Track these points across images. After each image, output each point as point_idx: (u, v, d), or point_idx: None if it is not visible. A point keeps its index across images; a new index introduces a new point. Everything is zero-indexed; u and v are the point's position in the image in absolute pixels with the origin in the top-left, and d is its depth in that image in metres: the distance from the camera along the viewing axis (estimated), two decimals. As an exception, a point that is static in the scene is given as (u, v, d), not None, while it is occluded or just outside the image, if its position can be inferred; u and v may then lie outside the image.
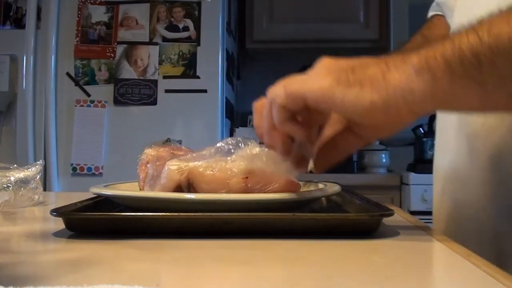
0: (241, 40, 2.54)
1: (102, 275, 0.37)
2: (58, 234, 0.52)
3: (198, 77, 1.99)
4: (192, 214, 0.50)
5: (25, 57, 1.97)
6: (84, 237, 0.50)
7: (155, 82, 1.99)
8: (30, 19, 1.97)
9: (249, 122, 2.40)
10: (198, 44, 2.00)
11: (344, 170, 2.19)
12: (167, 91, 1.99)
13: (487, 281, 0.36)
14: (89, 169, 1.97)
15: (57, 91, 1.99)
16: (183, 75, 1.99)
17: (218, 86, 2.00)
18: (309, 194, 0.57)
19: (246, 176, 0.54)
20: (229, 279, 0.37)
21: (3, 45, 1.98)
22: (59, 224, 0.53)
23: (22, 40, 1.97)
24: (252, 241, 0.48)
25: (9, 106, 2.00)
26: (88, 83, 2.00)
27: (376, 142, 2.37)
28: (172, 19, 2.00)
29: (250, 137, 0.57)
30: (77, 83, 2.00)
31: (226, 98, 2.11)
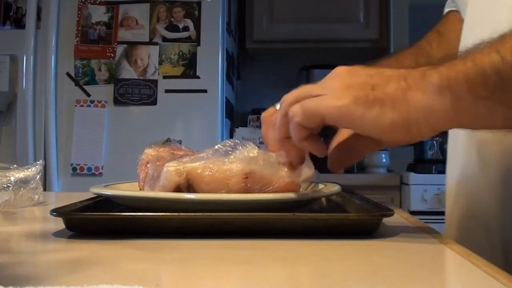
0: (241, 40, 2.54)
1: (102, 275, 0.37)
2: (58, 234, 0.52)
3: (198, 77, 1.99)
4: (192, 214, 0.50)
5: (25, 57, 1.97)
6: (84, 237, 0.50)
7: (155, 82, 1.99)
8: (30, 19, 1.97)
9: (249, 122, 2.40)
10: (198, 44, 2.00)
11: (344, 170, 2.19)
12: (167, 91, 1.99)
13: (487, 281, 0.36)
14: (89, 169, 1.97)
15: (57, 91, 1.99)
16: (183, 75, 1.99)
17: (218, 86, 2.00)
18: (309, 194, 0.57)
19: (246, 176, 0.54)
20: (229, 279, 0.37)
21: (3, 45, 1.98)
22: (59, 224, 0.53)
23: (22, 40, 1.97)
24: (252, 241, 0.48)
25: (9, 106, 2.00)
26: (88, 83, 2.00)
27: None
28: (172, 19, 2.00)
29: (250, 137, 0.57)
30: (77, 83, 2.00)
31: (226, 98, 2.11)
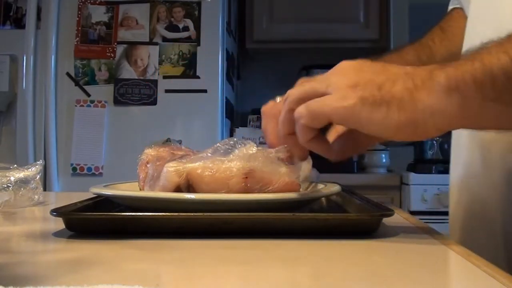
0: (241, 40, 2.54)
1: (102, 275, 0.37)
2: (58, 234, 0.52)
3: (198, 77, 1.99)
4: (192, 214, 0.50)
5: (25, 57, 1.97)
6: (84, 237, 0.50)
7: (155, 82, 1.99)
8: (30, 19, 1.97)
9: (249, 122, 2.40)
10: (198, 44, 2.00)
11: (344, 170, 2.19)
12: (167, 91, 1.99)
13: (487, 281, 0.36)
14: (89, 169, 1.97)
15: (57, 91, 1.99)
16: (183, 75, 1.99)
17: (218, 86, 2.00)
18: (309, 194, 0.57)
19: (246, 176, 0.54)
20: (229, 279, 0.37)
21: (3, 45, 1.98)
22: (59, 224, 0.53)
23: (22, 40, 1.97)
24: (252, 241, 0.48)
25: (9, 106, 2.00)
26: (88, 83, 2.00)
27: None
28: (172, 19, 2.00)
29: (250, 137, 0.57)
30: (77, 83, 2.00)
31: (226, 98, 2.11)
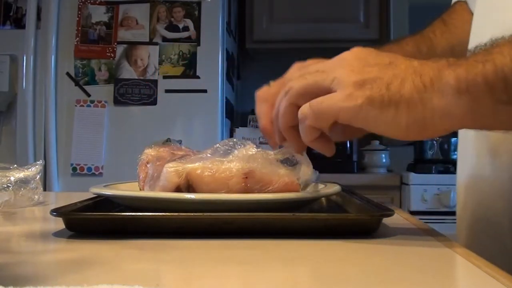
0: (241, 40, 2.54)
1: (102, 275, 0.37)
2: (58, 234, 0.52)
3: (198, 77, 1.99)
4: (192, 214, 0.50)
5: (25, 57, 1.97)
6: (84, 237, 0.50)
7: (155, 82, 1.99)
8: (30, 19, 1.97)
9: (249, 122, 2.40)
10: (198, 44, 2.00)
11: (344, 170, 2.19)
12: (167, 91, 1.99)
13: (488, 281, 0.36)
14: (89, 169, 1.97)
15: (57, 91, 1.99)
16: (183, 75, 1.99)
17: (218, 86, 2.00)
18: (309, 194, 0.57)
19: (246, 176, 0.54)
20: (229, 279, 0.37)
21: (3, 45, 1.99)
22: (59, 224, 0.53)
23: (22, 40, 1.97)
24: (252, 241, 0.48)
25: (9, 106, 2.00)
26: (88, 83, 2.00)
27: (376, 142, 2.37)
28: (172, 19, 2.00)
29: (250, 137, 0.57)
30: (77, 83, 2.00)
31: (226, 98, 2.11)
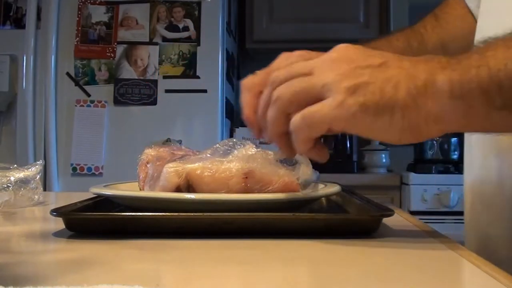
0: (241, 40, 2.54)
1: (102, 275, 0.37)
2: (58, 234, 0.52)
3: (198, 77, 1.99)
4: (192, 214, 0.50)
5: (25, 57, 1.97)
6: (84, 237, 0.50)
7: (155, 82, 1.99)
8: (30, 19, 1.97)
9: (249, 122, 2.39)
10: (198, 44, 2.00)
11: (344, 170, 2.19)
12: (167, 91, 1.99)
13: (487, 281, 0.36)
14: (89, 169, 1.97)
15: (57, 91, 1.99)
16: (183, 75, 1.99)
17: (218, 86, 2.00)
18: (309, 194, 0.57)
19: (246, 176, 0.54)
20: (229, 279, 0.37)
21: (3, 45, 1.98)
22: (59, 224, 0.53)
23: (22, 40, 1.97)
24: (252, 241, 0.48)
25: (9, 106, 2.00)
26: (88, 83, 2.00)
27: (376, 142, 2.37)
28: (172, 19, 2.00)
29: (250, 137, 0.57)
30: (77, 83, 2.00)
31: (226, 98, 2.11)
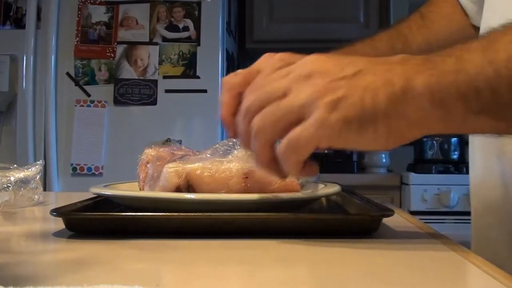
0: (241, 40, 2.54)
1: (102, 275, 0.37)
2: (58, 234, 0.52)
3: (198, 77, 1.99)
4: (192, 214, 0.50)
5: (25, 57, 1.97)
6: (84, 237, 0.50)
7: (155, 82, 1.99)
8: (30, 19, 1.97)
9: (249, 122, 2.39)
10: (198, 44, 2.00)
11: (344, 170, 2.19)
12: (167, 91, 1.99)
13: (487, 281, 0.36)
14: (89, 169, 1.97)
15: (57, 91, 1.99)
16: (183, 75, 1.99)
17: (218, 86, 2.00)
18: (309, 194, 0.57)
19: (246, 176, 0.54)
20: (229, 279, 0.37)
21: (3, 45, 1.98)
22: (59, 224, 0.53)
23: (22, 40, 1.97)
24: (252, 241, 0.48)
25: (9, 106, 2.00)
26: (88, 83, 2.00)
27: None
28: (172, 19, 2.00)
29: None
30: (77, 83, 2.00)
31: (226, 98, 2.11)
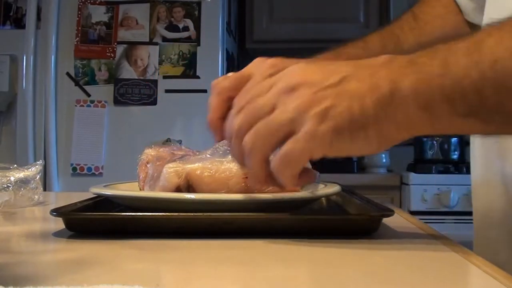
0: (241, 40, 2.54)
1: (102, 275, 0.37)
2: (58, 234, 0.52)
3: (198, 77, 1.99)
4: (192, 214, 0.50)
5: (25, 57, 1.97)
6: (84, 237, 0.50)
7: (155, 82, 1.99)
8: (30, 19, 1.97)
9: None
10: (198, 44, 2.00)
11: (344, 170, 2.19)
12: (167, 91, 1.99)
13: (487, 281, 0.36)
14: (89, 169, 1.97)
15: (57, 91, 1.99)
16: (183, 75, 1.99)
17: (218, 86, 2.00)
18: (309, 194, 0.57)
19: (246, 176, 0.54)
20: (229, 279, 0.37)
21: (3, 45, 1.98)
22: (59, 224, 0.53)
23: (22, 40, 1.97)
24: (252, 241, 0.48)
25: (9, 106, 2.00)
26: (88, 83, 2.00)
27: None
28: (172, 19, 2.00)
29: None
30: (77, 83, 2.00)
31: (226, 98, 2.11)
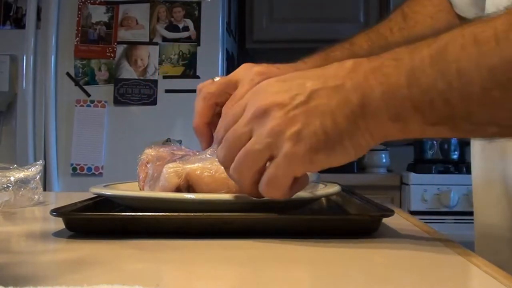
0: (241, 40, 2.54)
1: (102, 275, 0.37)
2: (58, 234, 0.52)
3: (198, 77, 1.98)
4: (192, 214, 0.50)
5: (25, 57, 1.97)
6: (84, 237, 0.50)
7: (155, 82, 1.99)
8: (30, 19, 1.97)
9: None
10: (198, 44, 2.00)
11: (344, 170, 2.18)
12: (167, 91, 1.99)
13: (487, 281, 0.36)
14: (89, 169, 1.97)
15: (57, 91, 1.99)
16: (183, 75, 1.99)
17: (218, 86, 2.00)
18: (309, 194, 0.57)
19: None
20: (229, 279, 0.37)
21: (3, 45, 1.98)
22: (59, 224, 0.53)
23: (22, 40, 1.97)
24: (252, 241, 0.48)
25: (9, 106, 2.00)
26: (88, 83, 2.00)
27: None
28: (172, 19, 2.00)
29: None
30: (77, 83, 2.00)
31: (226, 98, 2.11)
